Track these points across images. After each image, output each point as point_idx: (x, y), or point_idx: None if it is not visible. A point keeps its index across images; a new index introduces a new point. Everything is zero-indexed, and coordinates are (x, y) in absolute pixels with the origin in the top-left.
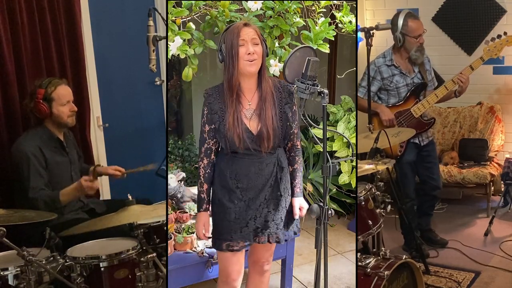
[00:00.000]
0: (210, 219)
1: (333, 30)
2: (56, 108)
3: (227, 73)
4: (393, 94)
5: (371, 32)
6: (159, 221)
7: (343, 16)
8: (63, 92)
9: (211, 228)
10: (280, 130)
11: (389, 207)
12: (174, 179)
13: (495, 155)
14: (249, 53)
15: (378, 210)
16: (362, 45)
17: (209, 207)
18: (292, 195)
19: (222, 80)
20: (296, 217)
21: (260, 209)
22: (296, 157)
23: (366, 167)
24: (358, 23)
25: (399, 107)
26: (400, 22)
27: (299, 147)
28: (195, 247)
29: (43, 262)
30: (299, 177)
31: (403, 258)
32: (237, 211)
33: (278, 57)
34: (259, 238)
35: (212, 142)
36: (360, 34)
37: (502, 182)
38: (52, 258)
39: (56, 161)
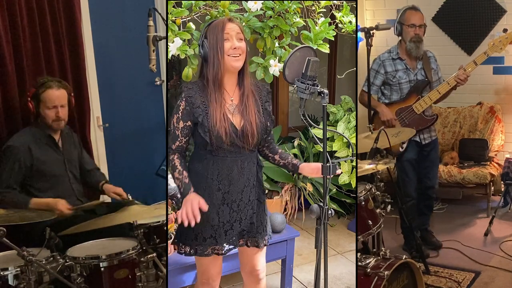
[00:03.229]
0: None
1: (333, 30)
2: (43, 109)
3: (211, 69)
4: (395, 89)
5: (371, 32)
6: (159, 221)
7: (343, 16)
8: (51, 96)
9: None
10: (263, 126)
11: (389, 207)
12: None
13: (495, 155)
14: (235, 48)
15: (378, 210)
16: (362, 45)
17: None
18: (296, 169)
19: None
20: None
21: (245, 211)
22: (278, 149)
23: (366, 167)
24: (358, 23)
25: (401, 104)
26: (400, 12)
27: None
28: None
29: (43, 262)
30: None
31: (403, 258)
32: (221, 215)
33: (278, 57)
34: (242, 241)
35: (185, 140)
36: (360, 34)
37: (502, 182)
38: (52, 258)
39: (46, 158)
